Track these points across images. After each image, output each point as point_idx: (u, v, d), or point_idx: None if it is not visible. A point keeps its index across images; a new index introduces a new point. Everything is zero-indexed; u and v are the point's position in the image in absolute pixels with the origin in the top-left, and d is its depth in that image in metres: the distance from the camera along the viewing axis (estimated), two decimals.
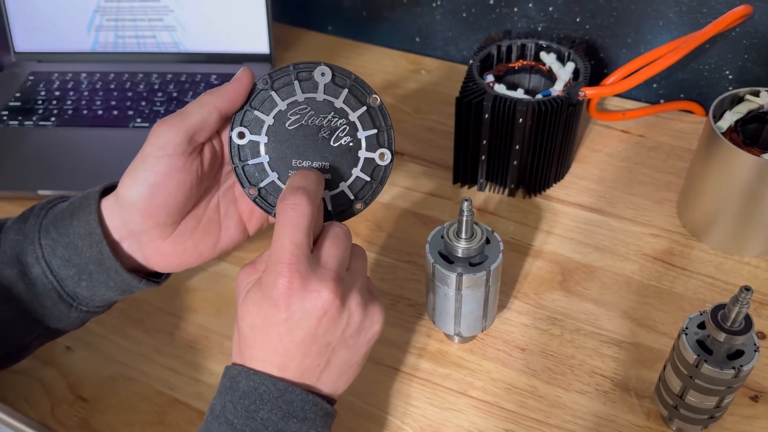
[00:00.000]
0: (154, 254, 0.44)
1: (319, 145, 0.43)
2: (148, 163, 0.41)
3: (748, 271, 0.59)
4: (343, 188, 0.44)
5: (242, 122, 0.43)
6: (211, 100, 0.41)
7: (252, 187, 0.44)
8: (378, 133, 0.43)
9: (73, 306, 0.44)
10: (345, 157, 0.43)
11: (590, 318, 0.56)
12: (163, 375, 0.54)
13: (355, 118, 0.43)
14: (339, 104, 0.43)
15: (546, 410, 0.51)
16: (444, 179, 0.70)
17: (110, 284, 0.43)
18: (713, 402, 0.45)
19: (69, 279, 0.43)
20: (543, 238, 0.63)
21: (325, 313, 0.38)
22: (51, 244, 0.43)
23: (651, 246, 0.61)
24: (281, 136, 0.43)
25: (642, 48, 0.74)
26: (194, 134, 0.41)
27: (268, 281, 0.38)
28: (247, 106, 0.42)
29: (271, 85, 0.42)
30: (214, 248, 0.46)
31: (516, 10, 0.78)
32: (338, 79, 0.42)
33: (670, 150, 0.70)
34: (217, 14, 0.80)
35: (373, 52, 0.88)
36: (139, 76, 0.81)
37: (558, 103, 0.60)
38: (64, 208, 0.43)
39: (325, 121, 0.43)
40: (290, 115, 0.43)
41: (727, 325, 0.42)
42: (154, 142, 0.41)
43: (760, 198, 0.56)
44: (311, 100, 0.42)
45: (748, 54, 0.71)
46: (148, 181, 0.41)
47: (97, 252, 0.42)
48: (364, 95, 0.43)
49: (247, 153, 0.43)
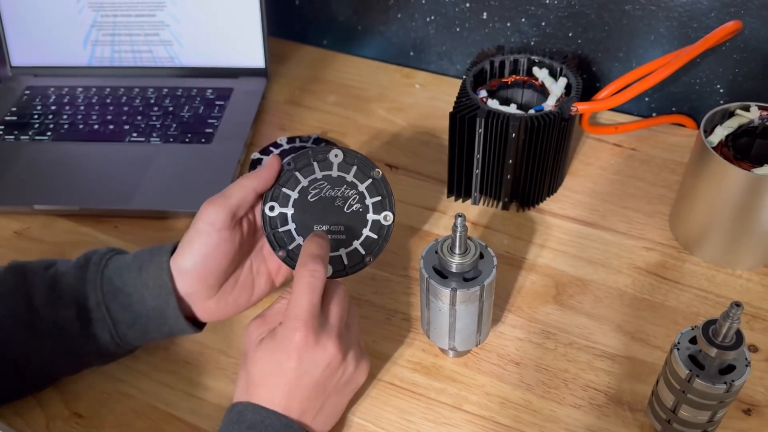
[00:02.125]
0: (202, 309, 0.51)
1: (336, 212, 0.52)
2: (200, 237, 0.49)
3: (740, 284, 0.60)
4: (356, 246, 0.52)
5: (272, 197, 0.51)
6: (249, 183, 0.50)
7: (281, 249, 0.52)
8: (382, 199, 0.52)
9: (119, 345, 0.51)
10: (356, 220, 0.52)
11: (584, 331, 0.56)
12: (158, 391, 0.54)
13: (363, 188, 0.52)
14: (350, 178, 0.51)
15: (540, 424, 0.51)
16: (438, 193, 0.70)
17: (163, 329, 0.51)
18: (706, 416, 0.45)
19: (123, 322, 0.50)
20: (537, 251, 0.63)
21: (328, 364, 0.46)
22: (113, 291, 0.49)
23: (644, 259, 0.62)
24: (304, 207, 0.51)
25: (634, 62, 0.75)
26: (236, 211, 0.49)
27: (285, 334, 0.45)
28: (276, 185, 0.51)
29: (295, 166, 0.51)
30: (249, 300, 0.53)
31: (509, 25, 0.79)
32: (348, 158, 0.51)
33: (662, 163, 0.71)
34: (213, 29, 0.81)
35: (368, 65, 0.89)
36: (135, 90, 0.81)
37: (550, 118, 0.60)
38: (128, 262, 0.51)
39: (339, 193, 0.52)
40: (311, 189, 0.51)
41: (719, 340, 0.42)
42: (204, 219, 0.49)
43: (750, 212, 0.56)
44: (328, 177, 0.51)
45: (739, 68, 0.72)
46: (201, 251, 0.49)
47: (164, 302, 0.49)
48: (369, 169, 0.52)
49: (277, 222, 0.51)
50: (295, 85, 0.85)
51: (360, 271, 0.53)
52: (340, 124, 0.79)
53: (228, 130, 0.75)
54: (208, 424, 0.52)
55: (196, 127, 0.76)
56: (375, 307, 0.60)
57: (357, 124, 0.79)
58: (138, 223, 0.68)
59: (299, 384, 0.45)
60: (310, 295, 0.45)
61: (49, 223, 0.68)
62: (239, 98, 0.80)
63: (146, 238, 0.66)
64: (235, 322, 0.59)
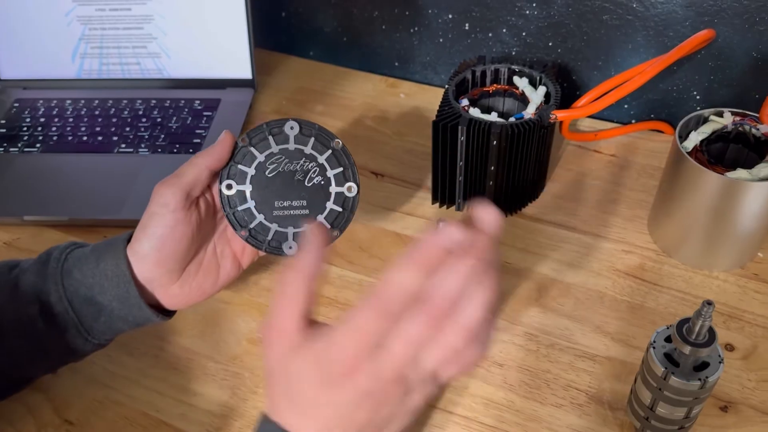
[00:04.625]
0: (165, 296, 0.50)
1: (296, 187, 0.50)
2: (154, 220, 0.48)
3: (717, 285, 0.61)
4: (320, 219, 0.51)
5: (228, 176, 0.50)
6: (201, 161, 0.49)
7: (243, 229, 0.51)
8: (344, 170, 0.51)
9: (87, 340, 0.50)
10: (319, 193, 0.51)
11: (565, 333, 0.58)
12: (148, 397, 0.55)
13: (323, 160, 0.51)
14: (308, 150, 0.50)
15: (523, 424, 0.52)
16: (423, 199, 0.71)
17: (129, 319, 0.50)
18: (682, 413, 0.47)
19: (88, 316, 0.49)
20: (519, 256, 0.65)
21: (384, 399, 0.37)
22: (74, 284, 0.48)
23: (623, 262, 0.63)
24: (263, 183, 0.50)
25: (613, 70, 0.77)
26: (190, 190, 0.48)
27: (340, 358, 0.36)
28: (232, 162, 0.50)
29: (250, 141, 0.50)
30: (215, 284, 0.52)
31: (491, 35, 0.81)
32: (305, 129, 0.50)
33: (641, 169, 0.73)
34: (200, 41, 0.82)
35: (354, 76, 0.90)
36: (124, 102, 0.82)
37: (530, 126, 0.62)
38: (87, 253, 0.49)
39: (298, 166, 0.50)
40: (268, 164, 0.50)
41: (692, 338, 0.43)
42: (157, 200, 0.48)
43: (725, 215, 0.58)
44: (285, 150, 0.50)
45: (714, 76, 0.74)
46: (156, 234, 0.48)
47: (124, 291, 0.48)
48: (328, 140, 0.51)
49: (236, 201, 0.50)
50: (282, 96, 0.87)
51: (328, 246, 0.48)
52: None
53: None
54: (198, 429, 0.53)
55: (184, 137, 0.77)
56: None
57: (343, 134, 0.81)
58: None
59: (351, 420, 0.36)
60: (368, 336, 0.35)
61: (38, 233, 0.69)
62: (227, 109, 0.81)
63: None
64: (223, 327, 0.60)
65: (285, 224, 0.51)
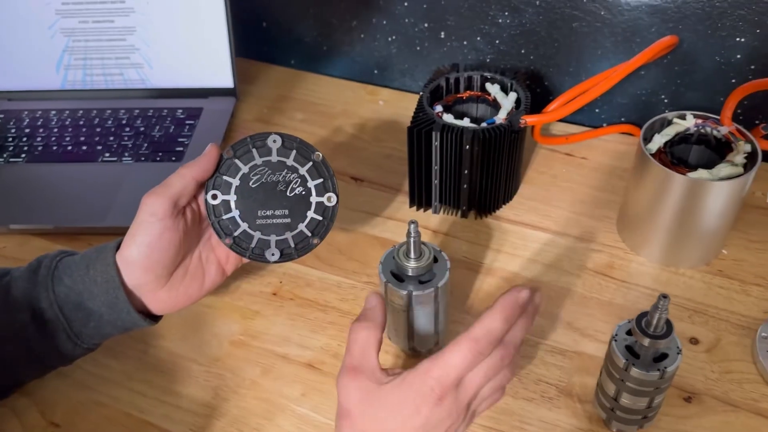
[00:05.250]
0: (153, 301, 0.52)
1: (278, 197, 0.53)
2: (143, 228, 0.50)
3: (683, 282, 0.63)
4: (301, 228, 0.53)
5: (214, 186, 0.52)
6: (188, 172, 0.51)
7: (228, 237, 0.53)
8: (324, 181, 0.53)
9: (77, 345, 0.52)
10: (300, 203, 0.53)
11: (536, 329, 0.60)
12: (132, 399, 0.57)
13: (304, 171, 0.53)
14: (290, 162, 0.53)
15: (496, 417, 0.54)
16: (401, 203, 0.74)
17: (117, 324, 0.52)
18: (644, 402, 0.49)
19: (77, 321, 0.51)
20: (493, 256, 0.67)
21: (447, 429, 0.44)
22: (64, 291, 0.50)
23: (593, 260, 0.65)
24: (247, 193, 0.53)
25: (583, 76, 0.79)
26: (177, 200, 0.50)
27: (420, 390, 0.43)
28: (217, 173, 0.52)
29: (234, 154, 0.52)
30: (201, 290, 0.55)
31: (465, 44, 0.83)
32: (287, 142, 0.53)
33: (610, 170, 0.75)
34: (182, 51, 0.84)
35: (334, 83, 0.92)
36: (107, 112, 0.84)
37: (501, 131, 0.64)
38: (77, 261, 0.52)
39: (280, 177, 0.53)
40: (252, 175, 0.53)
41: (651, 330, 0.45)
42: (146, 209, 0.50)
43: (689, 213, 0.60)
44: (267, 162, 0.53)
45: (681, 80, 0.76)
46: (145, 242, 0.50)
47: (113, 297, 0.50)
48: (309, 153, 0.53)
49: (221, 210, 0.53)
50: (263, 104, 0.89)
51: (308, 252, 0.54)
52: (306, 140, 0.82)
53: (198, 148, 0.78)
54: (181, 429, 0.54)
55: (167, 145, 0.79)
56: (340, 312, 0.63)
57: (323, 140, 0.83)
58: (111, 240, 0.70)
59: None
60: (461, 371, 0.43)
61: (24, 242, 0.70)
62: (209, 117, 0.83)
63: None
64: (205, 330, 0.61)
65: (268, 232, 0.53)
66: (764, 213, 0.69)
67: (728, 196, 0.59)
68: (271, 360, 0.59)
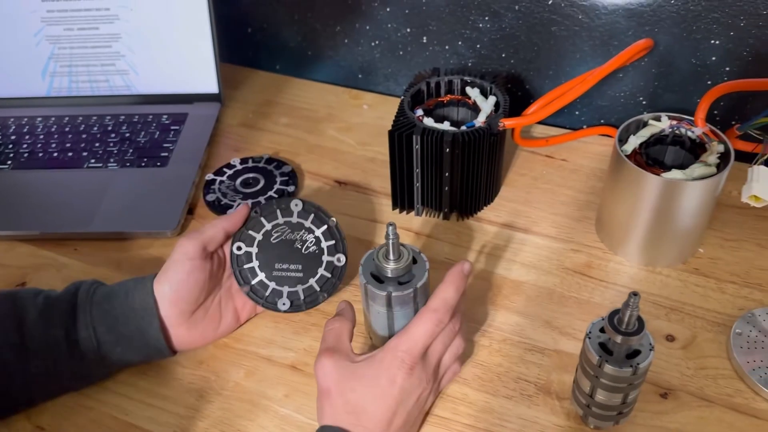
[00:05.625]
0: (173, 336, 0.57)
1: (295, 253, 0.60)
2: (175, 266, 0.56)
3: (660, 280, 0.65)
4: (311, 282, 0.59)
5: (239, 239, 0.59)
6: (220, 223, 0.58)
7: (246, 285, 0.59)
8: (335, 243, 0.60)
9: (99, 365, 0.55)
10: (313, 260, 0.60)
11: (516, 329, 0.61)
12: (118, 401, 0.57)
13: (320, 233, 0.60)
14: (308, 224, 0.60)
15: (476, 415, 0.55)
16: (385, 206, 0.74)
17: (143, 350, 0.56)
18: (619, 398, 0.50)
19: (106, 343, 0.55)
20: (475, 257, 0.68)
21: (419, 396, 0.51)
22: (101, 314, 0.55)
23: (572, 260, 0.67)
24: (267, 247, 0.59)
25: (563, 79, 0.81)
26: (207, 245, 0.57)
27: (392, 363, 0.49)
28: (244, 228, 0.59)
29: (260, 213, 0.60)
30: (215, 332, 0.60)
31: (447, 48, 0.84)
32: (307, 207, 0.60)
33: (590, 172, 0.76)
34: (167, 58, 0.85)
35: (319, 88, 0.93)
36: (93, 118, 0.85)
37: (480, 134, 0.65)
38: (115, 289, 0.57)
39: (298, 236, 0.60)
40: (274, 232, 0.60)
41: (623, 327, 0.47)
42: (179, 250, 0.56)
43: (664, 213, 0.62)
44: (288, 222, 0.60)
45: (658, 81, 0.78)
46: (176, 277, 0.56)
47: (147, 324, 0.55)
48: (325, 218, 0.60)
49: (243, 260, 0.59)
50: (248, 109, 0.90)
51: (315, 306, 0.60)
52: (291, 145, 0.83)
53: (183, 154, 0.79)
54: (166, 431, 0.55)
55: (152, 151, 0.79)
56: (325, 314, 0.63)
57: (308, 144, 0.84)
58: (97, 245, 0.71)
59: (397, 412, 0.49)
60: (426, 339, 0.50)
61: (10, 248, 0.71)
62: (194, 123, 0.84)
63: (105, 259, 0.69)
64: None
65: (282, 283, 0.59)
66: (739, 212, 0.70)
67: (702, 196, 0.60)
68: (254, 362, 0.60)
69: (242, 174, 0.77)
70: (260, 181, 0.76)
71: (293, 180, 0.76)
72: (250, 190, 0.75)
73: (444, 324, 0.51)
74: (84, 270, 0.68)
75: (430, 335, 0.50)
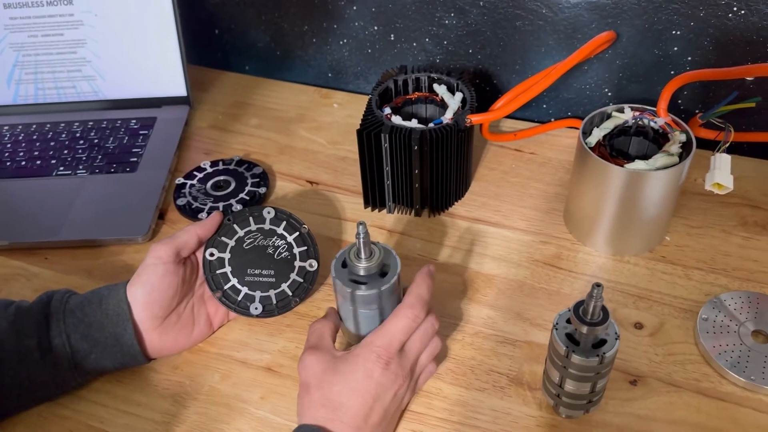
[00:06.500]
0: (146, 341, 0.57)
1: (267, 259, 0.61)
2: (148, 269, 0.56)
3: (628, 269, 0.66)
4: (284, 287, 0.60)
5: (212, 245, 0.60)
6: (193, 229, 0.59)
7: (218, 290, 0.60)
8: (308, 249, 0.61)
9: (73, 373, 0.55)
10: (285, 266, 0.61)
11: (488, 322, 0.62)
12: (93, 410, 0.57)
13: (291, 239, 0.61)
14: (280, 231, 0.61)
15: (449, 408, 0.56)
16: (357, 204, 0.75)
17: (118, 357, 0.56)
18: (587, 388, 0.51)
19: (80, 351, 0.55)
20: (447, 252, 0.69)
21: (395, 392, 0.51)
22: (74, 321, 0.55)
23: (541, 252, 0.68)
24: (240, 253, 0.60)
25: (529, 73, 0.81)
26: (180, 250, 0.57)
27: (369, 357, 0.50)
28: (216, 234, 0.60)
29: (233, 220, 0.61)
30: (188, 339, 0.60)
31: (415, 45, 0.85)
32: (279, 214, 0.62)
33: (558, 164, 0.77)
34: (134, 62, 0.84)
35: (289, 88, 0.93)
36: (61, 125, 0.84)
37: (448, 130, 0.66)
38: (88, 296, 0.57)
39: (270, 242, 0.61)
40: (246, 238, 0.61)
41: (588, 318, 0.47)
42: (152, 254, 0.56)
43: (629, 203, 0.63)
44: (261, 229, 0.61)
45: (622, 73, 0.79)
46: (149, 280, 0.56)
47: (121, 329, 0.55)
48: (297, 225, 0.62)
49: (215, 266, 0.60)
50: (217, 111, 0.89)
51: (288, 311, 0.61)
52: (262, 146, 0.83)
53: (152, 158, 0.79)
54: None
55: (121, 157, 0.79)
56: (299, 316, 0.64)
57: (279, 145, 0.84)
58: (67, 254, 0.70)
59: (373, 407, 0.50)
60: (403, 335, 0.51)
61: None
62: (163, 126, 0.83)
63: (76, 267, 0.69)
64: None
65: (254, 288, 0.60)
66: (704, 199, 0.72)
67: (665, 185, 0.62)
68: (229, 365, 0.60)
69: (213, 177, 0.77)
70: (231, 184, 0.76)
71: (264, 181, 0.76)
72: (221, 192, 0.75)
73: (420, 319, 0.52)
74: (55, 279, 0.68)
75: (407, 331, 0.52)
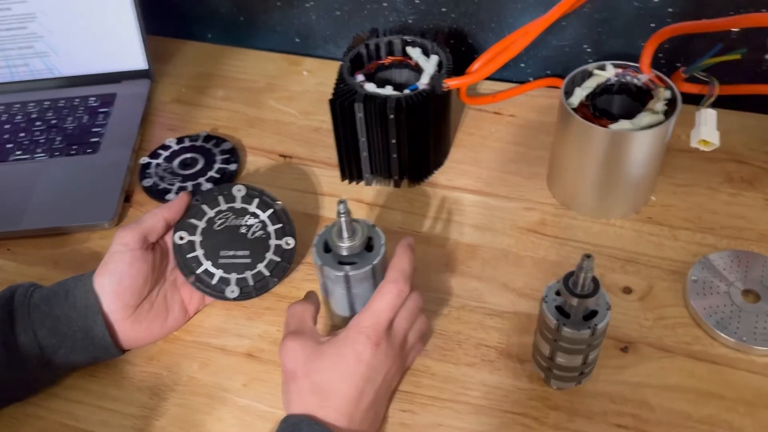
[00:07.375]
0: (118, 332, 0.54)
1: (240, 239, 0.58)
2: (115, 257, 0.54)
3: (614, 232, 0.64)
4: (260, 268, 0.58)
5: (181, 227, 0.57)
6: (159, 212, 0.56)
7: (191, 275, 0.57)
8: (283, 226, 0.59)
9: (44, 370, 0.53)
10: (260, 245, 0.58)
11: (473, 294, 0.60)
12: (68, 408, 0.55)
13: (265, 217, 0.59)
14: (252, 209, 0.59)
15: (439, 386, 0.54)
16: (334, 177, 0.72)
17: (89, 350, 0.53)
18: (579, 360, 0.49)
19: (49, 347, 0.52)
20: (428, 223, 0.66)
21: (386, 373, 0.50)
22: (41, 316, 0.52)
23: (525, 219, 0.66)
24: (211, 235, 0.57)
25: (506, 32, 0.78)
26: (147, 234, 0.55)
27: (357, 339, 0.48)
28: (185, 217, 0.57)
29: (202, 201, 0.58)
30: (163, 327, 0.57)
31: (386, 5, 0.81)
32: (251, 191, 0.59)
33: (539, 126, 0.75)
34: (89, 35, 0.79)
35: (255, 56, 0.89)
36: (15, 106, 0.79)
37: (424, 96, 0.63)
38: (54, 289, 0.54)
39: (243, 221, 0.58)
40: (217, 219, 0.58)
41: (578, 290, 0.46)
42: (118, 241, 0.54)
43: (614, 165, 0.61)
44: (232, 208, 0.58)
45: (602, 28, 0.76)
46: (117, 269, 0.53)
47: (91, 321, 0.52)
48: (271, 201, 0.59)
49: (186, 249, 0.57)
50: (181, 84, 0.85)
51: (266, 292, 0.58)
52: (230, 119, 0.80)
53: (114, 138, 0.75)
54: None
55: (82, 137, 0.75)
56: (279, 297, 0.61)
57: (247, 117, 0.80)
58: (31, 243, 0.67)
59: (364, 390, 0.48)
60: (390, 312, 0.49)
61: None
62: (123, 103, 0.79)
63: (41, 257, 0.66)
64: None
65: (229, 271, 0.57)
66: (690, 156, 0.70)
67: (651, 145, 0.60)
68: (208, 353, 0.58)
69: (179, 155, 0.73)
70: (199, 161, 0.72)
71: (234, 157, 0.73)
72: (189, 171, 0.71)
73: (405, 294, 0.50)
74: (19, 271, 0.65)
75: (393, 307, 0.49)
